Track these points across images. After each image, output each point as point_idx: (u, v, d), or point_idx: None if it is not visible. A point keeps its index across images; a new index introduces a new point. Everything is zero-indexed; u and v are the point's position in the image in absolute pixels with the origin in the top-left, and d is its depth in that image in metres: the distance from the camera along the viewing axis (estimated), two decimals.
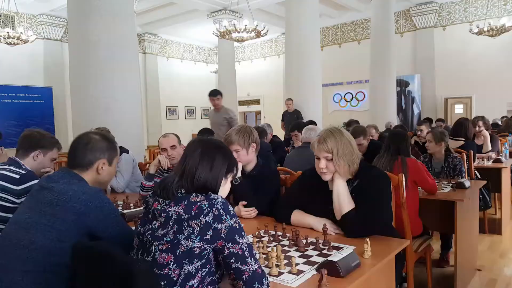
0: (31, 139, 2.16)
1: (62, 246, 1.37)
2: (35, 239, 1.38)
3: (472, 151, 3.95)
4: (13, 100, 9.81)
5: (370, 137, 4.31)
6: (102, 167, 1.61)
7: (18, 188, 1.91)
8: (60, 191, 1.44)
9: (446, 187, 3.02)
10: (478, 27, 8.57)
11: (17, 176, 1.97)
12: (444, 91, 11.06)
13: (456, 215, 2.68)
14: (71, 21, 4.27)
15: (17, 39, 7.95)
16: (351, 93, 12.76)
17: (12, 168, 2.01)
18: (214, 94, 5.88)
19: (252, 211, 2.17)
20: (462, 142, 4.30)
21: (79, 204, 1.41)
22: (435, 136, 3.47)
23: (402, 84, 11.05)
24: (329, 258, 1.38)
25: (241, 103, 14.50)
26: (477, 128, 4.80)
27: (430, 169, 3.54)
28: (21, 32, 8.03)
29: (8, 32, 7.81)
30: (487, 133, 4.88)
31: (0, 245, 1.45)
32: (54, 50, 10.86)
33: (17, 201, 1.93)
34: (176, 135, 2.97)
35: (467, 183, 2.97)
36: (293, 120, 6.87)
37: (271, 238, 1.75)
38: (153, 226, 1.23)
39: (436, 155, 3.56)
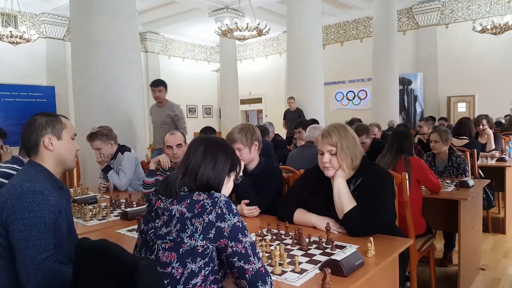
0: None
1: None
2: None
3: (475, 150, 3.94)
4: (16, 99, 9.85)
5: (373, 136, 4.30)
6: (50, 143, 1.53)
7: None
8: (6, 186, 1.42)
9: (450, 186, 3.01)
10: (481, 25, 8.53)
11: None
12: (447, 89, 11.03)
13: (459, 214, 2.66)
14: (73, 20, 4.27)
15: (19, 38, 7.98)
16: (353, 92, 12.74)
17: (15, 166, 2.02)
18: (156, 84, 4.94)
19: (254, 210, 2.17)
20: (466, 141, 4.29)
21: (4, 197, 1.38)
22: (442, 136, 3.44)
23: (405, 82, 11.01)
24: (332, 257, 1.38)
25: (243, 101, 14.50)
26: (480, 127, 4.78)
27: (434, 168, 3.53)
28: (24, 31, 8.06)
29: (11, 31, 7.84)
30: (490, 132, 4.86)
31: None
32: (57, 49, 10.89)
33: None
34: (183, 134, 2.96)
35: (471, 182, 2.96)
36: (295, 118, 6.86)
37: (274, 237, 1.74)
38: (156, 225, 1.23)
39: (440, 154, 3.55)
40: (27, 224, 1.35)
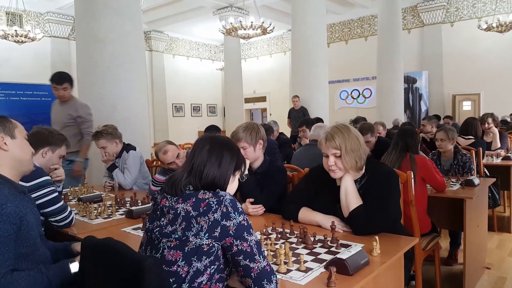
0: (39, 136, 2.18)
1: None
2: None
3: (481, 149, 3.92)
4: (21, 98, 9.89)
5: (378, 135, 4.28)
6: (4, 143, 1.44)
7: (28, 184, 1.92)
8: None
9: (455, 184, 2.99)
10: (486, 23, 8.47)
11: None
12: (452, 87, 10.96)
13: (465, 213, 2.65)
14: (78, 19, 4.29)
15: (24, 37, 8.02)
16: (357, 90, 12.70)
17: None
18: (59, 81, 3.85)
19: (259, 208, 2.17)
20: (472, 140, 4.27)
21: None
22: (448, 134, 3.42)
23: (410, 80, 10.96)
24: (337, 256, 1.37)
25: (247, 100, 14.50)
26: (486, 125, 4.75)
27: (439, 166, 3.51)
28: (29, 30, 8.10)
29: (16, 30, 7.89)
30: (496, 130, 4.83)
31: None
32: (61, 48, 10.94)
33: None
34: (169, 142, 2.92)
35: (476, 181, 2.94)
36: (300, 117, 6.85)
37: (279, 236, 1.75)
38: (162, 223, 1.23)
39: (445, 153, 3.53)
40: None
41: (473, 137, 4.35)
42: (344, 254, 1.36)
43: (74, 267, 1.44)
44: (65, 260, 1.49)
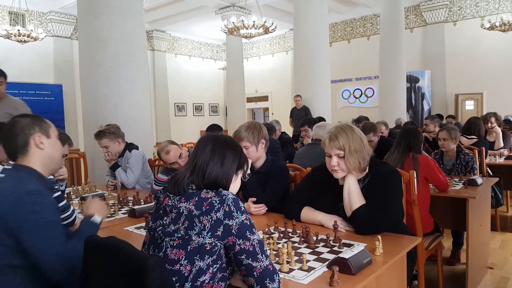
0: None
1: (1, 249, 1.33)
2: None
3: (484, 148, 3.91)
4: (24, 97, 9.90)
5: (380, 134, 4.27)
6: (41, 141, 1.50)
7: None
8: None
9: (458, 184, 2.99)
10: (490, 22, 8.44)
11: None
12: (454, 87, 10.93)
13: (467, 213, 2.64)
14: (80, 19, 4.30)
15: (27, 37, 8.04)
16: (360, 90, 12.68)
17: None
18: None
19: (261, 208, 2.17)
20: (475, 140, 4.26)
21: (5, 205, 1.34)
22: (451, 133, 3.41)
23: (412, 80, 10.94)
24: (340, 255, 1.37)
25: (249, 99, 14.50)
26: (489, 125, 4.74)
27: (442, 166, 3.50)
28: (32, 30, 8.12)
29: (18, 30, 7.90)
30: (499, 130, 4.82)
31: None
32: (64, 47, 10.97)
33: None
34: (171, 142, 2.90)
35: (479, 180, 2.93)
36: (302, 116, 6.85)
37: (281, 235, 1.74)
38: (164, 222, 1.24)
39: (448, 152, 3.52)
40: (38, 225, 1.33)
41: (476, 137, 4.33)
42: (346, 254, 1.36)
43: (97, 219, 1.58)
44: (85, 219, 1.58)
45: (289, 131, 7.92)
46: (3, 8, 9.78)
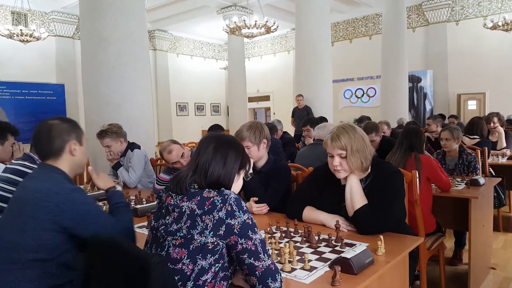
0: None
1: (38, 243, 1.37)
2: (11, 238, 1.39)
3: (486, 148, 3.89)
4: (26, 97, 9.97)
5: (382, 134, 4.26)
6: (74, 149, 1.56)
7: None
8: (35, 189, 1.42)
9: (460, 184, 2.98)
10: (492, 22, 8.41)
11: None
12: (457, 87, 10.90)
13: (470, 213, 2.64)
14: (82, 18, 4.31)
15: (30, 37, 8.06)
16: (362, 89, 12.65)
17: (27, 163, 2.03)
18: None
19: (263, 207, 2.17)
20: (478, 140, 4.25)
21: (52, 205, 1.38)
22: (453, 133, 3.40)
23: (414, 79, 10.91)
24: (342, 255, 1.37)
25: (251, 99, 14.49)
26: (492, 124, 4.72)
27: (444, 165, 3.49)
28: (34, 30, 8.13)
29: (21, 30, 7.92)
30: (501, 130, 4.80)
31: None
32: (66, 47, 10.98)
33: None
34: (175, 141, 2.90)
35: (482, 180, 2.93)
36: (303, 116, 6.85)
37: (283, 235, 1.75)
38: (167, 221, 1.24)
39: (450, 152, 3.51)
40: (92, 214, 1.45)
41: (478, 137, 4.32)
42: (348, 253, 1.36)
43: (118, 187, 1.78)
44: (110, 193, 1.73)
45: (291, 130, 7.92)
46: (6, 8, 9.80)
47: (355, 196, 1.78)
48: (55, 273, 1.39)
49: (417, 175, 2.25)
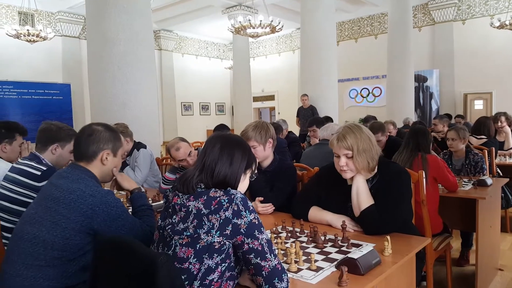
0: (48, 132, 2.15)
1: (66, 242, 1.39)
2: (39, 234, 1.41)
3: (493, 148, 3.86)
4: (33, 96, 10.03)
5: (388, 134, 4.24)
6: (106, 158, 1.60)
7: (40, 184, 1.92)
8: (68, 189, 1.44)
9: (467, 184, 2.96)
10: (499, 21, 8.34)
11: (39, 173, 1.97)
12: (463, 86, 10.81)
13: (477, 213, 2.62)
14: (89, 18, 4.33)
15: (36, 37, 8.10)
16: (367, 89, 12.59)
17: (33, 164, 2.02)
18: None
19: (268, 207, 2.17)
20: (485, 140, 4.21)
21: (86, 207, 1.42)
22: (459, 133, 3.38)
23: (420, 79, 10.84)
24: (348, 255, 1.37)
25: (256, 99, 14.48)
26: (499, 124, 4.68)
27: (450, 166, 3.47)
28: (41, 30, 8.17)
29: (28, 30, 7.96)
30: (509, 130, 4.75)
31: (11, 239, 1.50)
32: (72, 47, 11.03)
33: None
34: (183, 139, 2.89)
35: (489, 181, 2.90)
36: (309, 116, 6.83)
37: (289, 235, 1.74)
38: (173, 221, 1.24)
39: (457, 152, 3.48)
40: (122, 217, 1.49)
41: (485, 137, 4.28)
42: (355, 254, 1.35)
43: (142, 189, 1.82)
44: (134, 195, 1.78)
45: (296, 130, 7.90)
46: (13, 8, 9.87)
47: (362, 196, 1.77)
48: (74, 273, 1.41)
49: (424, 175, 2.23)
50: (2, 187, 2.01)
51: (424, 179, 2.24)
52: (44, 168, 2.00)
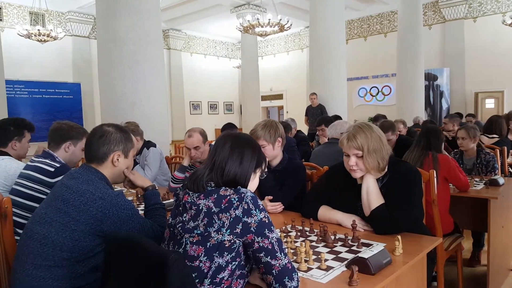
0: (60, 131, 2.20)
1: (75, 244, 1.39)
2: (48, 235, 1.40)
3: (505, 148, 3.81)
4: (43, 96, 10.16)
5: (398, 133, 4.21)
6: (117, 159, 1.59)
7: (53, 181, 1.96)
8: (78, 191, 1.44)
9: (479, 184, 2.92)
10: (511, 18, 8.21)
11: (52, 169, 2.02)
12: (474, 85, 10.67)
13: (489, 213, 2.58)
14: (99, 18, 4.36)
15: (47, 36, 8.19)
16: (377, 87, 12.50)
17: (47, 161, 2.07)
18: None
19: (278, 206, 2.17)
20: (497, 139, 4.15)
21: (95, 209, 1.41)
22: (470, 132, 3.33)
23: (430, 77, 10.72)
24: (359, 255, 1.36)
25: (264, 98, 14.47)
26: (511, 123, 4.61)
27: (461, 165, 3.43)
28: (51, 29, 8.26)
29: (39, 30, 8.06)
30: None
31: (21, 237, 1.51)
32: (82, 46, 11.14)
33: None
34: (202, 132, 2.87)
35: (501, 180, 2.87)
36: (317, 115, 6.80)
37: (299, 234, 1.74)
38: (184, 219, 1.25)
39: (468, 151, 3.44)
40: (133, 219, 1.49)
41: (497, 136, 4.23)
42: (366, 253, 1.35)
43: (156, 187, 1.83)
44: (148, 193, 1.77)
45: (305, 129, 7.88)
46: (24, 8, 9.99)
47: (372, 196, 1.76)
48: (83, 274, 1.41)
49: (435, 175, 2.21)
50: (16, 184, 2.05)
51: (435, 179, 2.22)
52: (58, 165, 2.04)
